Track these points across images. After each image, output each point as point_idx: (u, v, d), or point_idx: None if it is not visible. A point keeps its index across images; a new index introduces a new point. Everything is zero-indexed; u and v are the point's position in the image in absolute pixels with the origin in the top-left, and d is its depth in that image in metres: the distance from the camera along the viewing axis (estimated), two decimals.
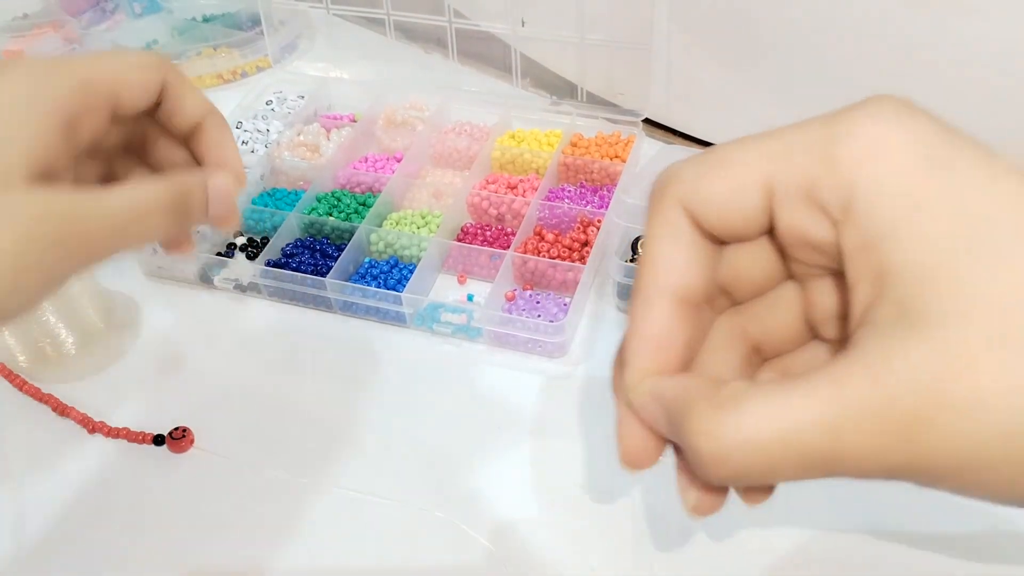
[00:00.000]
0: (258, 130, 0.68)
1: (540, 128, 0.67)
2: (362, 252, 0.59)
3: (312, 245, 0.58)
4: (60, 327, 0.53)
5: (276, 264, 0.57)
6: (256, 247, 0.60)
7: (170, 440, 0.47)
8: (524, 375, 0.51)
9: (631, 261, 0.53)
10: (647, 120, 0.66)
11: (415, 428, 0.48)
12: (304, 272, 0.55)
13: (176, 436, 0.47)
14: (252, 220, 0.61)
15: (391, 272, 0.56)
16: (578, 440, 0.47)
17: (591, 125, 0.66)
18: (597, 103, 0.68)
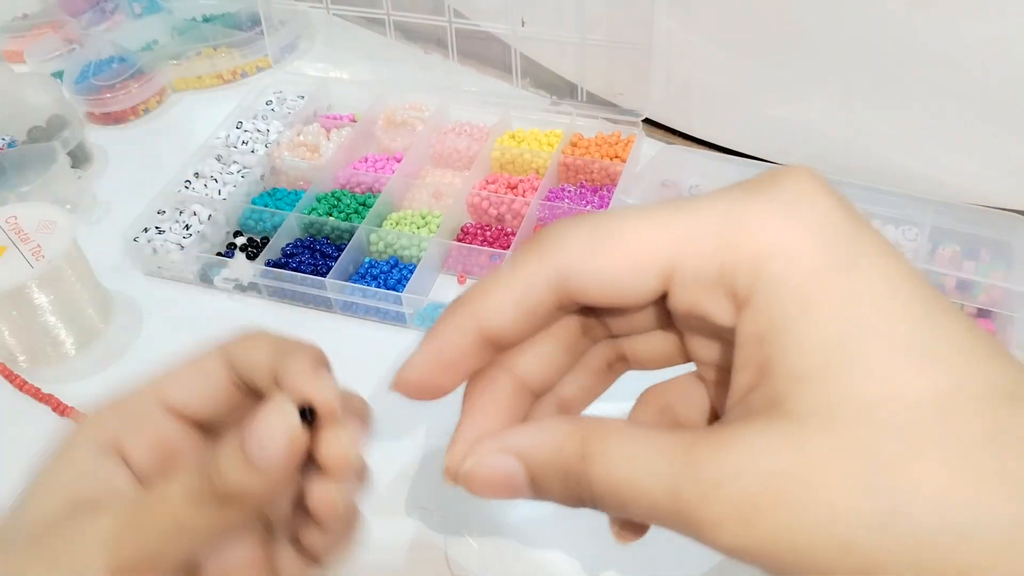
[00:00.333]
0: (258, 130, 0.68)
1: (540, 128, 0.67)
2: (362, 252, 0.59)
3: (312, 245, 0.58)
4: (60, 327, 0.53)
5: (276, 264, 0.57)
6: (256, 247, 0.60)
7: None
8: None
9: None
10: (647, 120, 0.66)
11: (415, 428, 0.48)
12: (304, 272, 0.56)
13: None
14: (252, 220, 0.61)
15: (391, 272, 0.56)
16: None
17: (591, 125, 0.66)
18: (597, 103, 0.68)
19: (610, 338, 0.26)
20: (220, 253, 0.59)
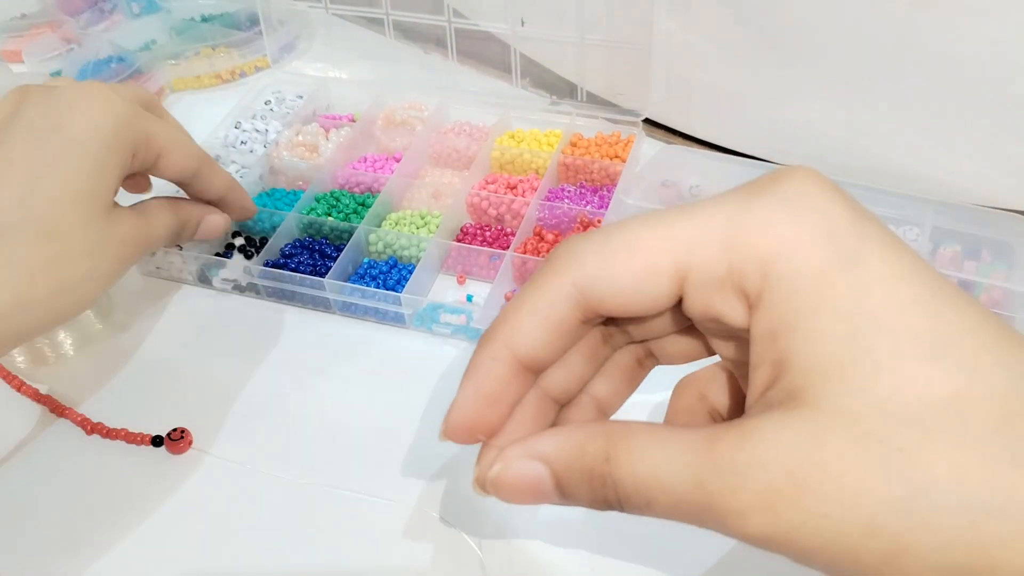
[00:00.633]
0: (256, 130, 0.68)
1: (540, 128, 0.67)
2: (361, 252, 0.59)
3: (311, 245, 0.58)
4: (58, 328, 0.53)
5: (275, 264, 0.57)
6: (254, 247, 0.60)
7: (168, 441, 0.47)
8: None
9: None
10: (647, 120, 0.66)
11: (415, 428, 0.48)
12: (303, 272, 0.55)
13: (174, 437, 0.47)
14: (250, 220, 0.61)
15: (390, 273, 0.56)
16: None
17: (591, 125, 0.66)
18: (597, 103, 0.68)
19: (634, 343, 0.27)
20: (218, 253, 0.59)
